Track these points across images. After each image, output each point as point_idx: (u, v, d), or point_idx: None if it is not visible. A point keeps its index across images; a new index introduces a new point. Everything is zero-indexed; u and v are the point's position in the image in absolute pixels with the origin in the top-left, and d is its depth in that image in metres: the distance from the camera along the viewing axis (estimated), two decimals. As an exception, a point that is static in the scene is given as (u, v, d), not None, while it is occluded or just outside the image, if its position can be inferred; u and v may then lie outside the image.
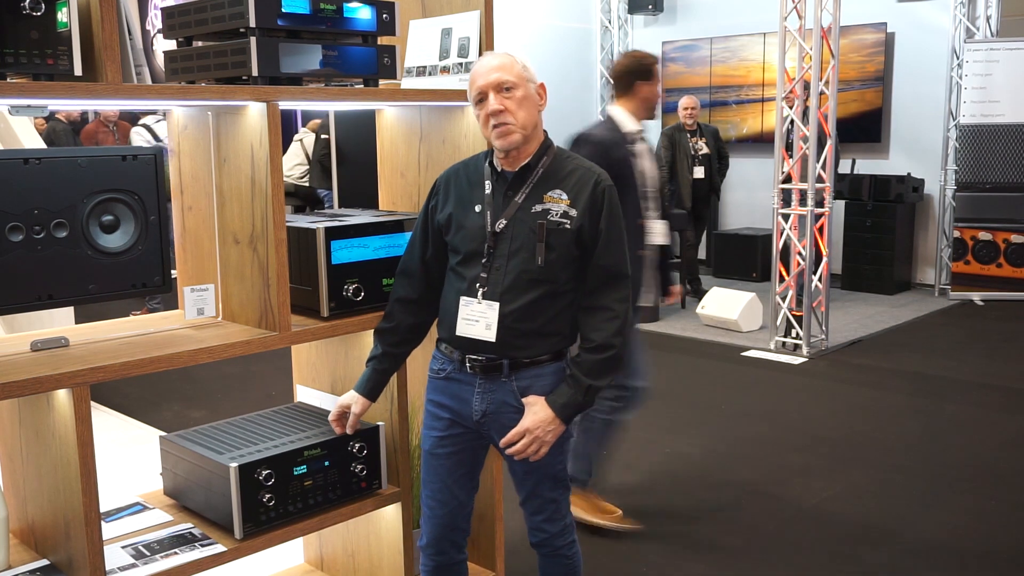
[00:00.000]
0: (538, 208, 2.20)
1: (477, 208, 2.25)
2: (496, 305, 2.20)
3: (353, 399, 2.37)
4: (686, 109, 7.68)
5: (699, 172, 7.67)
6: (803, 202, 6.14)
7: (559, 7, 9.85)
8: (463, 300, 2.23)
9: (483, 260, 2.22)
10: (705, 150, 7.72)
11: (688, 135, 7.68)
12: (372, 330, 2.47)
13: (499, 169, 2.26)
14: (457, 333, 2.25)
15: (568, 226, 2.19)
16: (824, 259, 6.18)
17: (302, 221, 2.47)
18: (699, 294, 7.56)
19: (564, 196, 2.21)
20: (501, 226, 2.21)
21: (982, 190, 7.76)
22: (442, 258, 2.35)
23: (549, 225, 2.18)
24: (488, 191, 2.25)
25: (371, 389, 2.37)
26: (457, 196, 2.30)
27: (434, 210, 2.34)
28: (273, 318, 2.27)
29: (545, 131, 2.28)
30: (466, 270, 2.25)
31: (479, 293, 2.22)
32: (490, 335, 2.21)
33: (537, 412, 2.19)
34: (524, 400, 2.22)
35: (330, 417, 2.40)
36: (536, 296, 2.20)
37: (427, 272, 2.36)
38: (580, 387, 2.20)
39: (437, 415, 2.34)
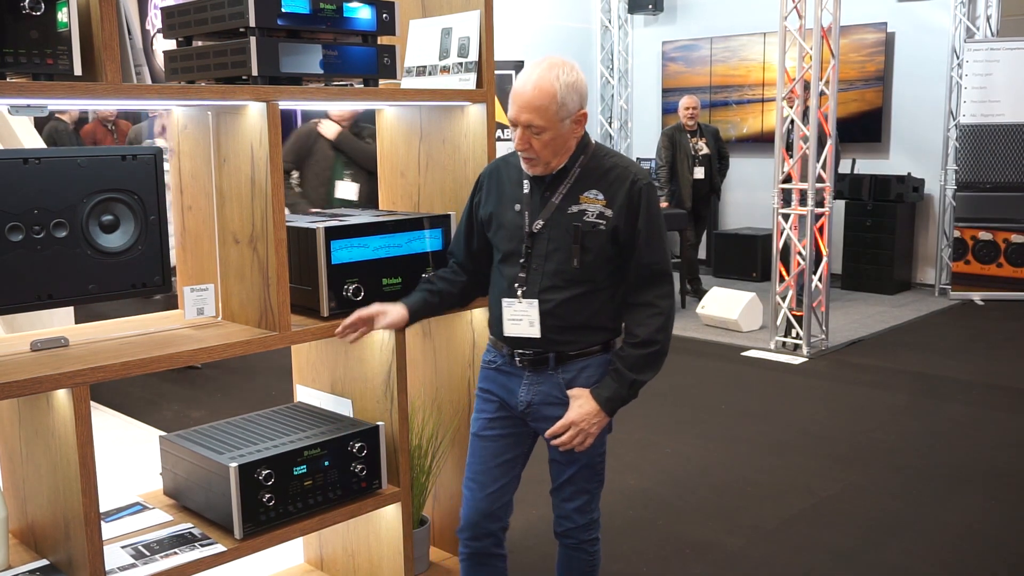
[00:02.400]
0: (574, 209, 2.21)
1: (516, 207, 2.28)
2: (535, 302, 2.24)
3: (394, 307, 2.36)
4: (687, 109, 7.68)
5: (699, 172, 7.66)
6: (803, 202, 6.14)
7: (559, 7, 9.85)
8: (505, 301, 2.28)
9: (521, 260, 2.25)
10: (705, 150, 7.71)
11: (688, 135, 7.67)
12: (373, 330, 2.47)
13: None
14: (505, 334, 2.30)
15: (603, 227, 2.20)
16: (824, 259, 6.18)
17: (302, 221, 2.47)
18: (699, 294, 7.56)
19: (600, 196, 2.21)
20: (538, 227, 2.23)
21: (982, 190, 7.76)
22: (488, 252, 2.40)
23: (584, 227, 2.20)
24: (526, 191, 2.27)
25: (417, 310, 2.40)
26: (498, 193, 2.33)
27: (478, 205, 2.38)
28: (273, 318, 2.27)
29: None
30: (506, 269, 2.29)
31: (519, 292, 2.25)
32: (535, 331, 2.25)
33: (582, 405, 2.23)
34: (569, 392, 2.26)
35: (360, 314, 2.34)
36: (574, 294, 2.23)
37: (476, 263, 2.44)
38: (624, 381, 2.23)
39: (487, 399, 2.39)
